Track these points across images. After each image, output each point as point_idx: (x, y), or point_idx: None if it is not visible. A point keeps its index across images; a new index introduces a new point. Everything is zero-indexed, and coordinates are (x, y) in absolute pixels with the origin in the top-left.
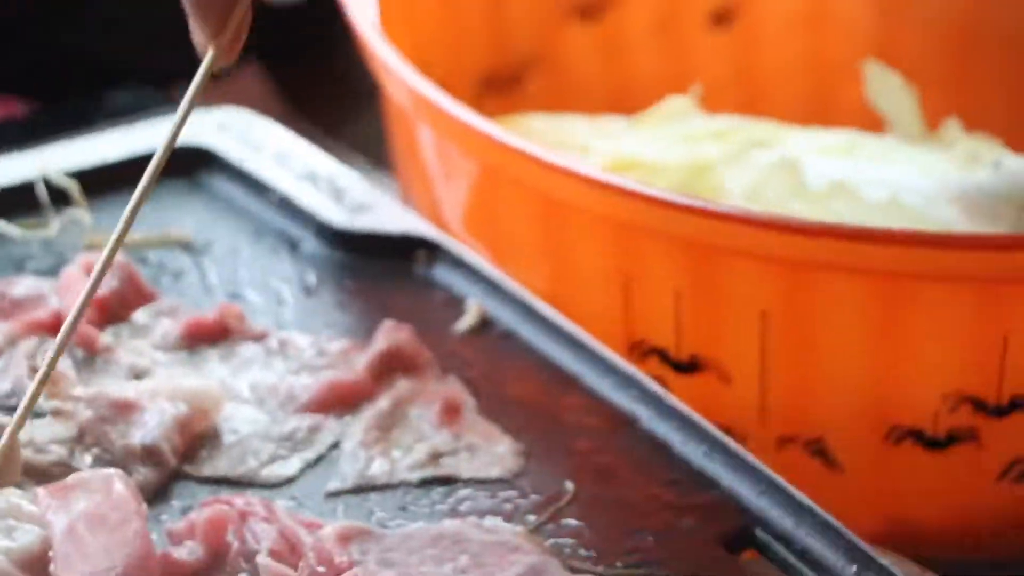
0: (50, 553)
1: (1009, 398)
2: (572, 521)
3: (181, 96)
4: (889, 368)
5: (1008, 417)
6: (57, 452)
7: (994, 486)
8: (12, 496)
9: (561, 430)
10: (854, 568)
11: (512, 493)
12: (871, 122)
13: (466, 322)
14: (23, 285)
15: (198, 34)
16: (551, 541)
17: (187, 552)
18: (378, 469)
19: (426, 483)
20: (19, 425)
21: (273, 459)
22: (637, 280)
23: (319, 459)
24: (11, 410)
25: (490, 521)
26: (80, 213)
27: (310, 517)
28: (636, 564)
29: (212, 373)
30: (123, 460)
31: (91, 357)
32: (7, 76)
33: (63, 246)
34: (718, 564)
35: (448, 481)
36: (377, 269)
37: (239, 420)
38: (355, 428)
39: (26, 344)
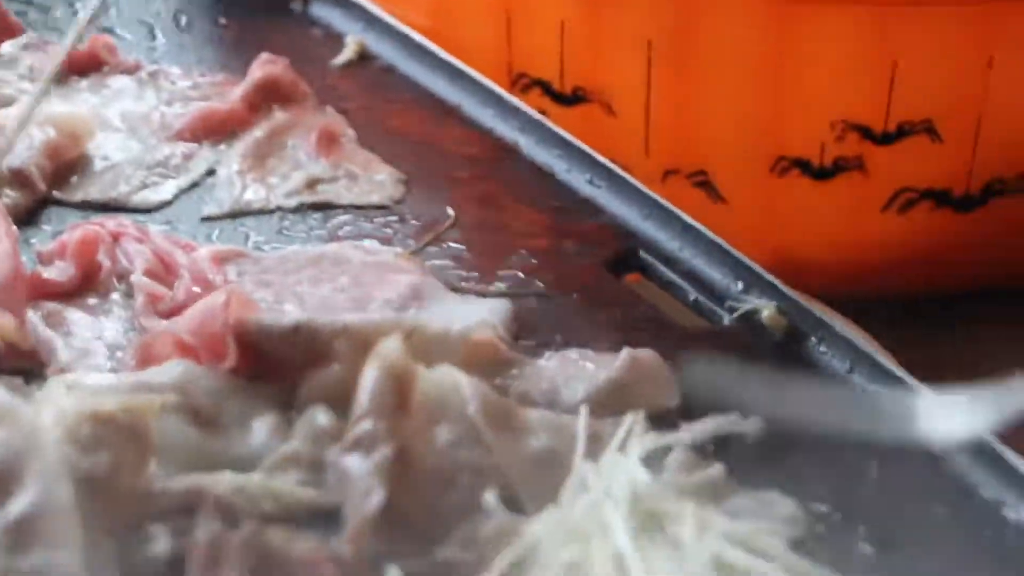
0: None
1: (896, 125)
2: (453, 245)
3: None
4: (775, 97)
5: (895, 144)
6: None
7: (880, 217)
8: None
9: (442, 160)
10: (740, 286)
11: (392, 219)
12: None
13: (344, 56)
14: None
15: None
16: (432, 263)
17: (57, 272)
18: (254, 195)
19: (303, 208)
20: None
21: (146, 185)
22: (520, 12)
23: (193, 185)
24: None
25: (370, 244)
26: None
27: (185, 240)
28: (517, 285)
29: (82, 104)
30: None
31: None
32: None
33: None
34: (601, 285)
35: (326, 207)
36: (252, 6)
37: (110, 148)
38: (230, 156)
39: None
